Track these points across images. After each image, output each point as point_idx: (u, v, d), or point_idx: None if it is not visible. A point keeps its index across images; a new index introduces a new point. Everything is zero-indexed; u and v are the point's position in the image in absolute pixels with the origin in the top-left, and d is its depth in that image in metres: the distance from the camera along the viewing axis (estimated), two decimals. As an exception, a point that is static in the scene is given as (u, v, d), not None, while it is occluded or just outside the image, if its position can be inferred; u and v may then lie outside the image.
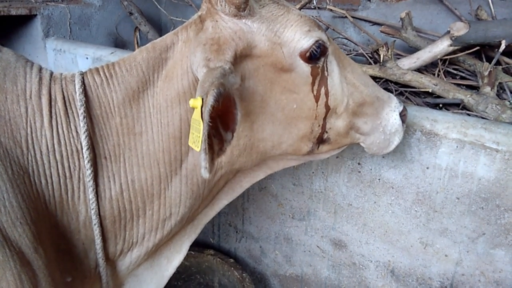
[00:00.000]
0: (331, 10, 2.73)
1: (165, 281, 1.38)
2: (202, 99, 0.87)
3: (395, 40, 2.01)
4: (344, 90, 1.19)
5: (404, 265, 1.69)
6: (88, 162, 1.04)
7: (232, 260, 2.16)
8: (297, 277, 2.07)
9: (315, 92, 1.11)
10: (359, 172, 1.69)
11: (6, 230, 0.90)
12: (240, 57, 1.03)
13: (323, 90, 1.12)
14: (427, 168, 1.52)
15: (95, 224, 1.08)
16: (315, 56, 1.07)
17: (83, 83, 1.05)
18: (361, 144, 1.34)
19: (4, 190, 0.92)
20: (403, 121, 1.31)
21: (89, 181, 1.04)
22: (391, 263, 1.72)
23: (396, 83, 1.95)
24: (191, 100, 0.89)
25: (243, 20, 1.03)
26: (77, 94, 1.03)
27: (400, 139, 1.32)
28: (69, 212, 1.06)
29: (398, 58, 2.08)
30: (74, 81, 1.05)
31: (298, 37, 1.05)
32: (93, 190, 1.05)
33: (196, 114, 0.90)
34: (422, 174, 1.54)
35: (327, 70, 1.13)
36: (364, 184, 1.69)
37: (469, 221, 1.48)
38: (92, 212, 1.07)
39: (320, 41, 1.07)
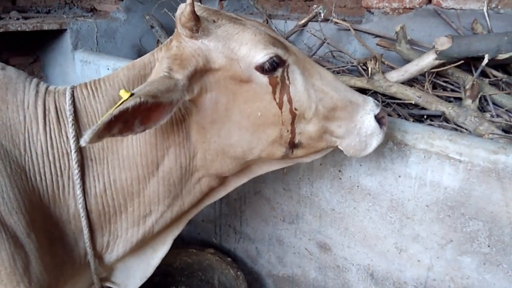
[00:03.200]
0: (336, 23, 2.84)
1: (151, 269, 1.54)
2: (131, 95, 1.00)
3: (382, 54, 2.09)
4: (312, 97, 1.27)
5: (382, 269, 1.77)
6: (76, 163, 1.22)
7: (229, 259, 2.30)
8: (289, 278, 2.18)
9: (277, 100, 1.22)
10: (340, 179, 1.79)
11: (4, 218, 1.09)
12: (201, 72, 1.18)
13: (285, 97, 1.23)
14: (399, 176, 1.60)
15: (82, 217, 1.26)
16: (270, 68, 1.18)
17: (72, 95, 1.24)
18: (339, 147, 1.38)
19: (3, 184, 1.10)
20: (382, 123, 1.35)
21: (76, 179, 1.22)
22: (370, 267, 1.81)
23: (384, 94, 2.04)
24: (122, 90, 1.01)
25: (200, 40, 1.18)
26: (67, 105, 1.22)
27: (379, 141, 1.34)
28: (61, 205, 1.24)
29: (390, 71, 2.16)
30: (65, 93, 1.24)
31: (253, 53, 1.17)
32: (80, 187, 1.23)
33: (120, 101, 1.00)
34: (395, 182, 1.62)
35: (288, 79, 1.23)
36: (345, 190, 1.79)
37: (438, 228, 1.55)
38: (80, 206, 1.24)
39: (274, 57, 1.18)
